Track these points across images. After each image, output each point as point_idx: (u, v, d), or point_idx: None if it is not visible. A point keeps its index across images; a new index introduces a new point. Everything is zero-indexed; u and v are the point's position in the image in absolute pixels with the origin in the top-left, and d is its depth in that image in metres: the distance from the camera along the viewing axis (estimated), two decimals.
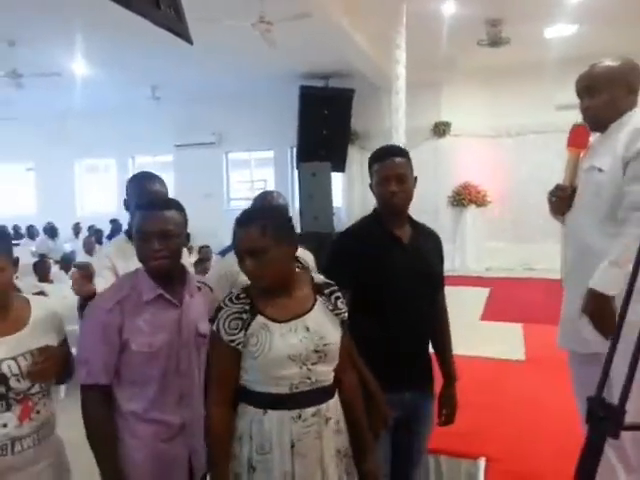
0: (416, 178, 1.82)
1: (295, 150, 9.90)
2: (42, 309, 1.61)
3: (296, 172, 10.08)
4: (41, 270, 5.53)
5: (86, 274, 1.77)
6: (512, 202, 9.47)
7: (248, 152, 11.63)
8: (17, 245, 8.97)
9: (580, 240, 1.84)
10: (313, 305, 1.46)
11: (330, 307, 1.48)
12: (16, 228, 11.06)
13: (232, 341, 1.40)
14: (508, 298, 6.75)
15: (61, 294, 4.17)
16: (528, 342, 4.42)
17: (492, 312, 5.88)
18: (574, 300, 1.82)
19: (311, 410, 1.39)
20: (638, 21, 7.09)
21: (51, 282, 5.42)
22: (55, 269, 6.19)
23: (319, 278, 1.53)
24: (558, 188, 1.98)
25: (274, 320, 1.41)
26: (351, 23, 6.58)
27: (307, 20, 6.03)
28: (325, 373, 1.44)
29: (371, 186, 1.86)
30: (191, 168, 11.31)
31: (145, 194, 2.05)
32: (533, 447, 2.34)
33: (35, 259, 6.22)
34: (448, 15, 6.91)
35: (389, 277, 1.72)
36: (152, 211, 1.57)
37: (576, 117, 7.95)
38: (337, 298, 1.50)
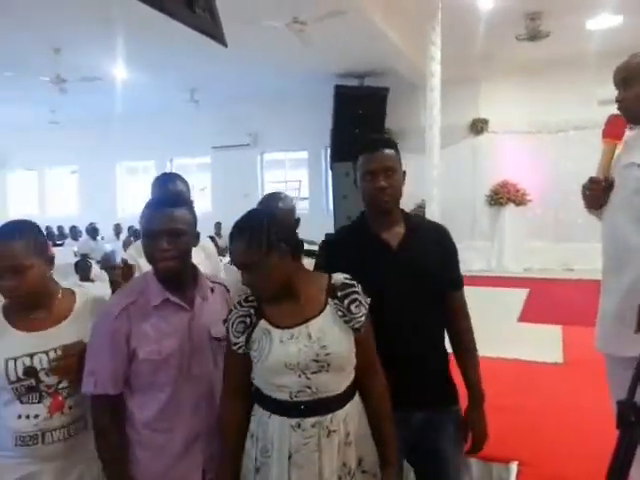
0: (404, 173, 1.64)
1: (329, 150, 9.90)
2: (85, 299, 1.64)
3: (330, 172, 10.10)
4: (82, 270, 5.72)
5: (129, 272, 1.85)
6: (552, 201, 9.18)
7: (283, 152, 11.72)
8: (61, 245, 9.33)
9: (617, 239, 1.78)
10: (322, 310, 1.38)
11: (340, 312, 1.38)
12: (60, 229, 11.50)
13: (235, 344, 1.39)
14: (547, 299, 6.55)
15: (101, 293, 4.29)
16: (567, 344, 4.28)
17: (530, 313, 5.72)
18: (611, 301, 1.74)
19: (311, 420, 1.34)
20: None
21: (92, 281, 5.59)
22: (96, 269, 6.39)
23: (338, 279, 1.42)
24: (592, 181, 1.85)
25: (277, 326, 1.37)
26: (385, 20, 6.53)
27: (341, 18, 6.03)
28: (328, 383, 1.35)
29: (355, 182, 1.68)
30: (227, 169, 11.50)
31: (166, 192, 2.23)
32: (567, 451, 2.26)
33: (77, 259, 6.44)
34: (485, 10, 6.77)
35: (376, 289, 1.47)
36: (160, 209, 1.49)
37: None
38: (353, 301, 1.39)
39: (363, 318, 1.39)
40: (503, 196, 9.24)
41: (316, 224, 9.81)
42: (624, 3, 6.58)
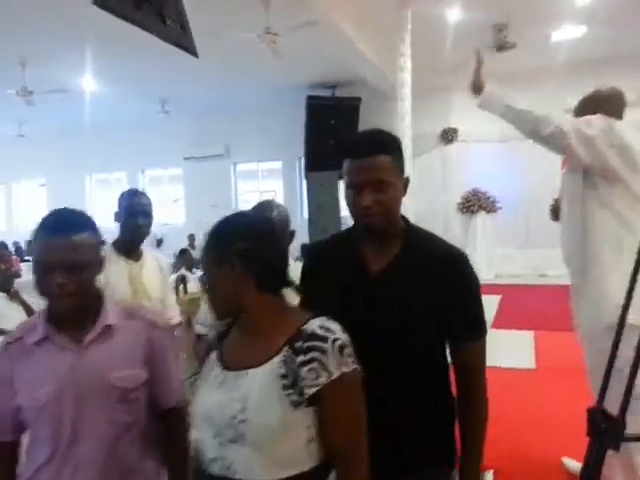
0: (407, 179, 1.26)
1: (303, 160, 9.93)
2: None
3: (305, 182, 10.11)
4: None
5: None
6: (522, 208, 9.38)
7: (256, 163, 11.70)
8: (29, 261, 9.07)
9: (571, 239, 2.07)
10: (268, 359, 1.04)
11: (284, 371, 1.01)
12: (29, 244, 11.19)
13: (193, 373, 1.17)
14: (519, 305, 6.66)
15: None
16: (539, 350, 4.36)
17: (503, 320, 5.80)
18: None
19: None
20: None
21: None
22: None
23: (313, 324, 1.04)
24: (554, 199, 2.24)
25: (221, 361, 1.11)
26: (356, 31, 6.60)
27: (313, 29, 6.07)
28: (249, 464, 1.00)
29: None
30: (200, 180, 11.42)
31: (134, 206, 2.24)
32: (541, 458, 2.29)
33: None
34: (453, 21, 6.92)
35: (345, 325, 1.09)
36: (56, 235, 1.18)
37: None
38: (309, 362, 1.00)
39: (315, 389, 0.99)
40: (474, 204, 9.40)
41: None
42: (587, 15, 6.80)
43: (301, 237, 9.44)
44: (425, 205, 9.18)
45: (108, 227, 4.02)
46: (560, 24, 7.20)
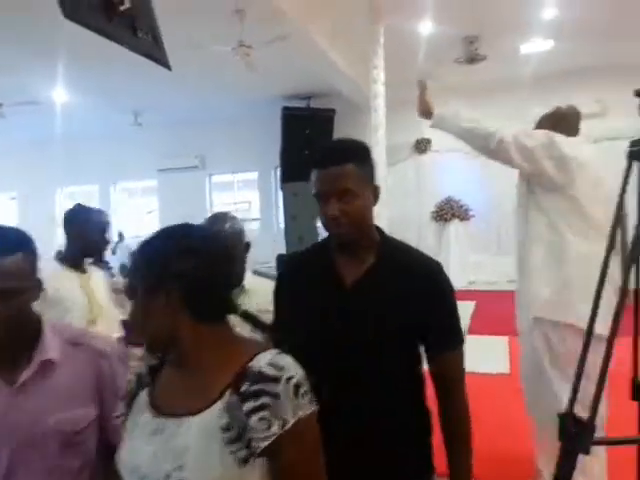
0: (377, 188, 1.24)
1: (279, 171, 9.94)
2: None
3: (280, 193, 10.12)
4: None
5: None
6: (493, 216, 9.58)
7: (232, 174, 11.66)
8: None
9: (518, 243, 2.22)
10: (209, 406, 0.85)
11: (226, 422, 0.83)
12: None
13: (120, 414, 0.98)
14: (493, 311, 6.77)
15: None
16: (513, 355, 4.43)
17: (478, 326, 5.89)
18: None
19: None
20: (611, 36, 7.30)
21: None
22: None
23: (259, 362, 0.86)
24: None
25: (153, 405, 0.92)
26: (330, 44, 6.68)
27: (286, 42, 6.12)
28: None
29: None
30: (175, 192, 11.31)
31: (105, 223, 2.27)
32: (518, 464, 2.32)
33: None
34: (426, 34, 7.06)
35: (318, 339, 1.15)
36: None
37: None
38: (259, 409, 0.82)
39: (267, 442, 0.82)
40: (448, 212, 9.55)
41: (267, 245, 9.85)
42: (554, 29, 7.02)
43: (278, 247, 9.47)
44: (399, 213, 9.28)
45: None
46: (529, 37, 7.41)
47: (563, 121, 2.26)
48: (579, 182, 1.97)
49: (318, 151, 1.28)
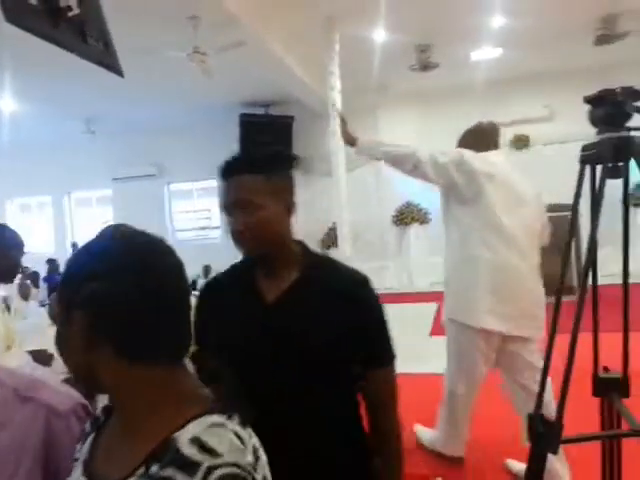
0: (292, 203, 1.22)
1: None
2: None
3: None
4: None
5: None
6: None
7: (191, 182, 11.48)
8: None
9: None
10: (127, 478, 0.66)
11: None
12: None
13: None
14: None
15: None
16: None
17: (440, 327, 5.99)
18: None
19: None
20: (556, 44, 7.61)
21: None
22: None
23: (185, 435, 0.65)
24: None
25: (86, 462, 0.74)
26: (286, 50, 6.68)
27: (242, 49, 6.09)
28: None
29: None
30: (132, 201, 11.04)
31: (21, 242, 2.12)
32: (486, 462, 2.36)
33: None
34: (379, 42, 7.17)
35: (238, 360, 0.98)
36: None
37: (506, 135, 8.42)
38: None
39: None
40: (407, 216, 9.70)
41: (229, 253, 9.72)
42: (502, 37, 7.26)
43: (239, 256, 9.38)
44: (361, 218, 9.36)
45: (34, 253, 3.78)
46: (479, 45, 7.63)
47: (483, 135, 2.44)
48: (489, 194, 2.17)
49: (224, 161, 1.21)
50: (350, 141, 2.49)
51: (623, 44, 7.24)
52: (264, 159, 1.18)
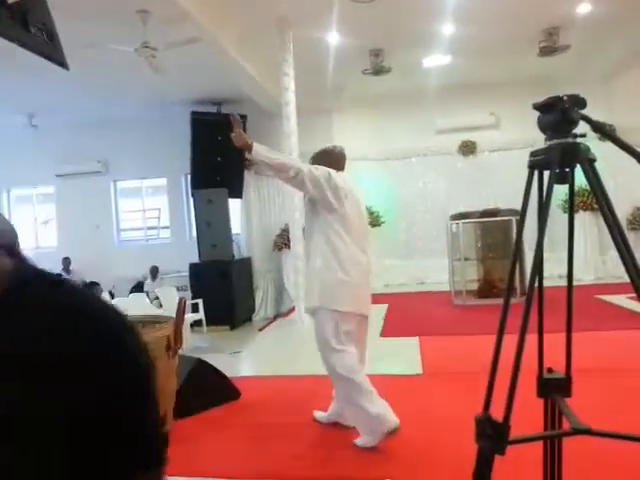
0: None
1: (189, 177, 9.66)
2: None
3: (192, 199, 9.82)
4: None
5: None
6: (401, 221, 10.00)
7: (139, 180, 11.14)
8: None
9: (307, 250, 2.94)
10: None
11: None
12: None
13: None
14: (404, 313, 7.02)
15: None
16: (425, 355, 4.60)
17: (390, 328, 6.07)
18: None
19: None
20: (501, 52, 7.89)
21: None
22: None
23: None
24: None
25: None
26: (239, 49, 6.60)
27: (195, 46, 5.96)
28: None
29: None
30: (76, 199, 10.60)
31: None
32: (436, 463, 2.40)
33: None
34: (333, 44, 7.20)
35: None
36: None
37: (454, 140, 8.68)
38: None
39: None
40: None
41: (180, 253, 9.51)
42: (452, 45, 7.46)
43: (190, 256, 9.16)
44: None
45: None
46: (430, 52, 7.81)
47: (339, 158, 2.93)
48: (347, 205, 2.73)
49: None
50: (245, 145, 2.65)
51: (565, 56, 7.59)
52: None
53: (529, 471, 1.75)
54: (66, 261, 9.78)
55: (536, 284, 1.31)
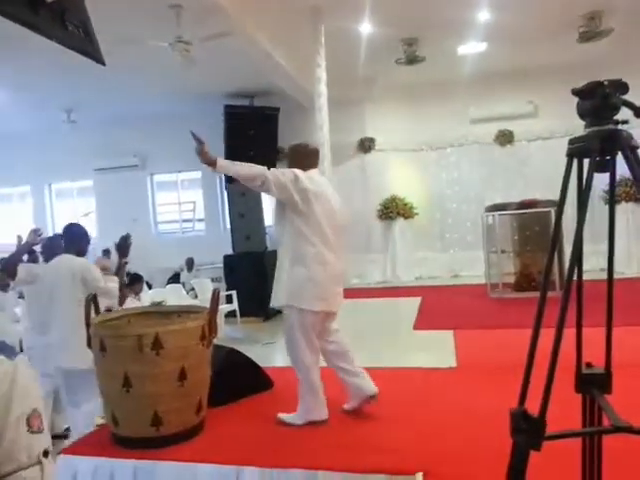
0: None
1: None
2: None
3: (226, 192, 9.94)
4: None
5: None
6: (435, 213, 9.85)
7: (175, 173, 11.34)
8: None
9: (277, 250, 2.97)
10: None
11: None
12: None
13: None
14: (438, 306, 6.93)
15: None
16: (459, 348, 4.54)
17: (424, 321, 6.01)
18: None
19: None
20: (539, 39, 7.64)
21: None
22: None
23: None
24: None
25: None
26: (271, 42, 6.61)
27: (227, 40, 6.01)
28: None
29: None
30: (114, 192, 10.88)
31: None
32: (469, 456, 2.36)
33: None
34: (366, 35, 7.13)
35: None
36: None
37: (490, 130, 8.50)
38: None
39: None
40: (393, 210, 9.70)
41: (214, 245, 9.65)
42: (487, 32, 7.27)
43: (224, 248, 9.29)
44: (346, 212, 9.34)
45: (14, 244, 3.71)
46: (465, 39, 7.64)
47: (310, 155, 3.00)
48: (315, 206, 2.80)
49: None
50: (209, 161, 2.73)
51: (606, 41, 7.30)
52: None
53: (566, 469, 1.71)
54: (106, 252, 10.05)
55: (575, 277, 1.27)
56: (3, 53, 6.35)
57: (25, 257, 3.86)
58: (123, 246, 3.60)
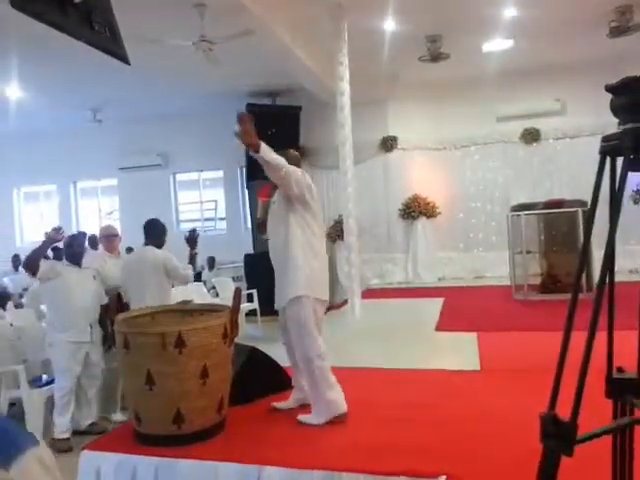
0: None
1: (245, 169, 9.81)
2: None
3: (247, 191, 9.99)
4: None
5: None
6: (459, 212, 9.71)
7: (197, 172, 11.45)
8: None
9: (278, 246, 3.04)
10: None
11: None
12: None
13: None
14: (461, 307, 6.83)
15: None
16: (482, 351, 4.46)
17: (447, 322, 5.93)
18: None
19: None
20: (567, 34, 7.48)
21: None
22: None
23: None
24: (257, 217, 3.41)
25: None
26: (293, 40, 6.61)
27: (250, 38, 6.02)
28: None
29: None
30: (137, 191, 11.03)
31: None
32: (491, 460, 2.32)
33: None
34: (389, 32, 7.07)
35: None
36: None
37: (515, 128, 8.35)
38: None
39: None
40: (415, 209, 9.60)
41: (235, 244, 9.71)
42: (514, 28, 7.14)
43: (245, 247, 9.32)
44: (368, 211, 9.29)
45: (37, 241, 3.79)
46: (490, 36, 7.52)
47: (297, 160, 3.16)
48: (316, 202, 3.04)
49: None
50: (254, 143, 2.73)
51: (637, 36, 7.10)
52: None
53: (596, 471, 1.66)
54: (129, 250, 10.19)
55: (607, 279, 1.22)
56: (29, 53, 6.48)
57: (50, 254, 4.08)
58: (191, 239, 4.21)
